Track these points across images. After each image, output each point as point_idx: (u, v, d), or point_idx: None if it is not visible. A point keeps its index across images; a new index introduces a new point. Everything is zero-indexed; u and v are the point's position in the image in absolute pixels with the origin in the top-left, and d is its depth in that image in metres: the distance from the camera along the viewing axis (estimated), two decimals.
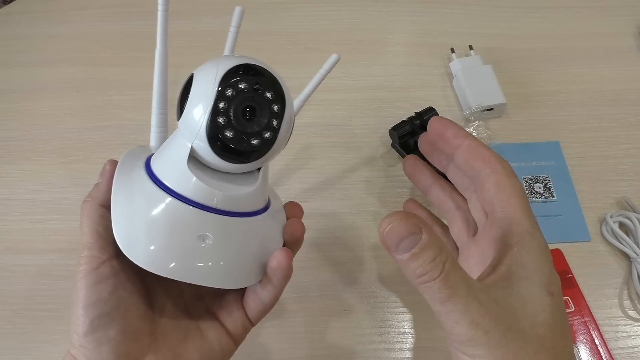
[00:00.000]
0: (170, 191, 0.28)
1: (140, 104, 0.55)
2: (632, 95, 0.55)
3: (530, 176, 0.49)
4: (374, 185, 0.49)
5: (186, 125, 0.28)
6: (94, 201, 0.30)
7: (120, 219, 0.28)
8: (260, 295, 0.31)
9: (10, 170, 0.51)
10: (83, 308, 0.27)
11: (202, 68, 0.29)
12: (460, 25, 0.62)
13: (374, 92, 0.56)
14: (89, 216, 0.30)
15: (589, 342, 0.40)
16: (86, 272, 0.28)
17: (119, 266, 0.29)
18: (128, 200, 0.29)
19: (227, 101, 0.27)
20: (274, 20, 0.62)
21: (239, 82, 0.27)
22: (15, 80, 0.57)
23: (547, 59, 0.59)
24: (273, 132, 0.28)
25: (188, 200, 0.28)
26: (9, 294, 0.43)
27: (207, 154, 0.28)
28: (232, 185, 0.29)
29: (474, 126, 0.51)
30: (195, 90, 0.28)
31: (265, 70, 0.29)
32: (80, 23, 0.63)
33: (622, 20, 0.61)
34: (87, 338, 0.27)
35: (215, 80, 0.27)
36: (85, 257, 0.29)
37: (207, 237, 0.28)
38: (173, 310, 0.32)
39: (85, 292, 0.28)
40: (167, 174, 0.29)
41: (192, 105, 0.28)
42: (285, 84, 0.29)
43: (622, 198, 0.47)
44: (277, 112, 0.28)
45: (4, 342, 0.41)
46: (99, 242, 0.29)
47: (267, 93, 0.28)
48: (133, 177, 0.30)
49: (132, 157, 0.32)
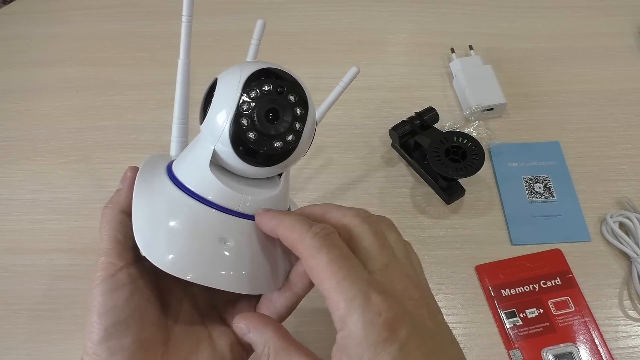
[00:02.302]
0: (192, 194, 0.28)
1: (140, 104, 0.55)
2: (632, 95, 0.55)
3: (530, 176, 0.49)
4: (374, 185, 0.49)
5: (209, 128, 0.28)
6: (115, 207, 0.30)
7: (142, 220, 0.28)
8: (275, 304, 0.30)
9: (10, 170, 0.51)
10: (98, 315, 0.27)
11: (226, 72, 0.29)
12: (460, 25, 0.62)
13: (374, 92, 0.56)
14: (108, 222, 0.29)
15: (589, 342, 0.40)
16: (103, 279, 0.28)
17: (136, 273, 0.29)
18: (150, 203, 0.28)
19: (250, 104, 0.27)
20: (274, 20, 0.62)
21: (263, 85, 0.27)
22: (15, 80, 0.57)
23: (547, 59, 0.59)
24: (296, 135, 0.28)
25: (211, 203, 0.28)
26: (9, 294, 0.43)
27: (230, 157, 0.28)
28: (255, 189, 0.29)
29: (474, 126, 0.51)
30: (219, 93, 0.28)
31: (288, 74, 0.29)
32: (80, 23, 0.63)
33: (622, 20, 0.62)
34: (101, 346, 0.27)
35: (239, 83, 0.27)
36: (102, 264, 0.28)
37: (229, 241, 0.28)
38: (186, 318, 0.31)
39: (101, 299, 0.27)
40: (189, 177, 0.28)
41: (216, 108, 0.28)
42: (307, 88, 0.29)
43: (622, 198, 0.47)
44: (300, 115, 0.28)
45: (4, 342, 0.41)
46: (117, 248, 0.29)
47: (290, 96, 0.28)
48: (154, 181, 0.30)
49: (153, 163, 0.31)
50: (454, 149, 0.46)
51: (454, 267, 0.45)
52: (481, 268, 0.44)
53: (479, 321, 0.42)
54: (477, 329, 0.42)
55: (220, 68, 0.30)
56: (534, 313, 0.42)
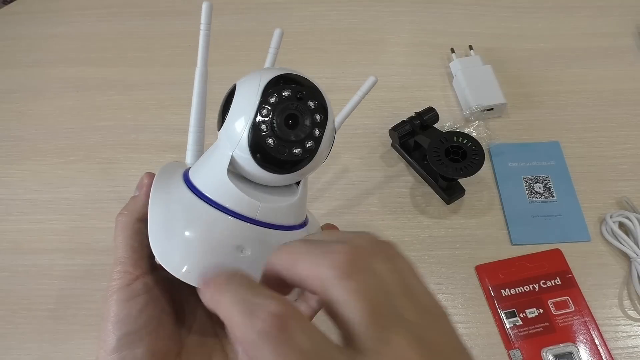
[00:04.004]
0: (209, 201, 0.27)
1: (140, 104, 0.55)
2: (632, 95, 0.55)
3: (530, 176, 0.49)
4: (374, 185, 0.49)
5: (227, 134, 0.28)
6: (131, 215, 0.29)
7: (157, 228, 0.27)
8: None
9: (10, 170, 0.51)
10: (112, 324, 0.27)
11: (245, 78, 0.28)
12: (460, 25, 0.62)
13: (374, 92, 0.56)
14: (123, 230, 0.29)
15: (589, 342, 0.40)
16: (118, 288, 0.27)
17: (152, 283, 0.28)
18: (165, 209, 0.28)
19: (269, 109, 0.27)
20: (274, 20, 0.62)
21: (282, 90, 0.27)
22: (16, 80, 0.57)
23: (547, 59, 0.59)
24: (315, 141, 0.28)
25: (228, 210, 0.27)
26: (9, 294, 0.43)
27: (248, 164, 0.27)
28: (272, 197, 0.29)
29: (474, 126, 0.51)
30: (237, 99, 0.27)
31: (307, 80, 0.28)
32: (80, 23, 0.63)
33: (622, 20, 0.61)
34: (114, 355, 0.26)
35: (258, 89, 0.27)
36: (118, 272, 0.28)
37: (246, 249, 0.27)
38: (200, 329, 0.31)
39: (116, 309, 0.27)
40: (206, 184, 0.28)
41: (234, 114, 0.27)
42: (327, 95, 0.29)
43: (622, 198, 0.47)
44: (320, 122, 0.28)
45: (4, 342, 0.41)
46: (133, 257, 0.28)
47: (310, 102, 0.28)
48: (171, 188, 0.29)
49: (169, 170, 0.31)
50: (454, 149, 0.46)
51: (454, 267, 0.45)
52: (481, 268, 0.44)
53: (478, 321, 0.42)
54: (477, 328, 0.42)
55: (218, 68, 0.29)
56: (533, 313, 0.42)
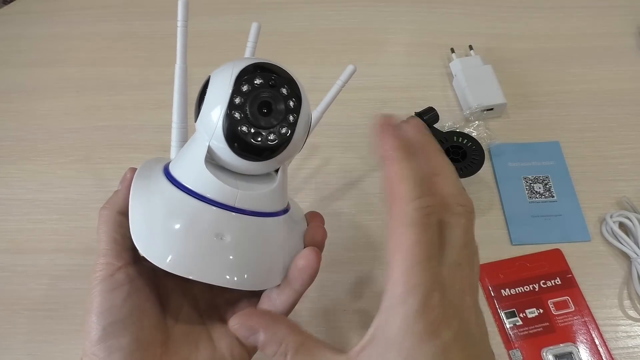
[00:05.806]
0: (188, 190, 0.28)
1: (140, 104, 0.55)
2: (632, 95, 0.55)
3: (530, 176, 0.49)
4: (373, 185, 0.49)
5: (203, 124, 0.28)
6: (112, 208, 0.30)
7: (138, 219, 0.28)
8: (275, 302, 0.30)
9: (10, 170, 0.51)
10: (96, 315, 0.27)
11: (218, 69, 0.29)
12: (460, 25, 0.62)
13: (374, 92, 0.56)
14: (105, 223, 0.29)
15: (589, 342, 0.40)
16: (101, 279, 0.28)
17: (135, 273, 0.29)
18: (146, 201, 0.28)
19: (242, 97, 0.27)
20: (273, 20, 0.62)
21: (254, 78, 0.27)
22: (15, 80, 0.57)
23: (547, 59, 0.59)
24: (290, 127, 0.28)
25: (206, 199, 0.28)
26: (9, 294, 0.43)
27: (225, 153, 0.28)
28: (251, 184, 0.29)
29: (474, 126, 0.51)
30: (211, 89, 0.28)
31: (279, 68, 0.29)
32: (80, 23, 0.63)
33: (622, 20, 0.61)
34: (99, 346, 0.27)
35: (231, 78, 0.27)
36: (100, 264, 0.28)
37: (226, 237, 0.28)
38: (186, 318, 0.31)
39: (100, 299, 0.27)
40: (184, 175, 0.28)
41: (209, 104, 0.28)
42: (300, 81, 0.29)
43: (622, 198, 0.47)
44: (294, 107, 0.28)
45: (4, 342, 0.41)
46: (115, 249, 0.29)
47: (283, 89, 0.28)
48: (150, 180, 0.30)
49: (151, 164, 0.32)
50: (454, 149, 0.46)
51: None
52: (481, 268, 0.44)
53: None
54: None
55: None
56: (533, 313, 0.42)
